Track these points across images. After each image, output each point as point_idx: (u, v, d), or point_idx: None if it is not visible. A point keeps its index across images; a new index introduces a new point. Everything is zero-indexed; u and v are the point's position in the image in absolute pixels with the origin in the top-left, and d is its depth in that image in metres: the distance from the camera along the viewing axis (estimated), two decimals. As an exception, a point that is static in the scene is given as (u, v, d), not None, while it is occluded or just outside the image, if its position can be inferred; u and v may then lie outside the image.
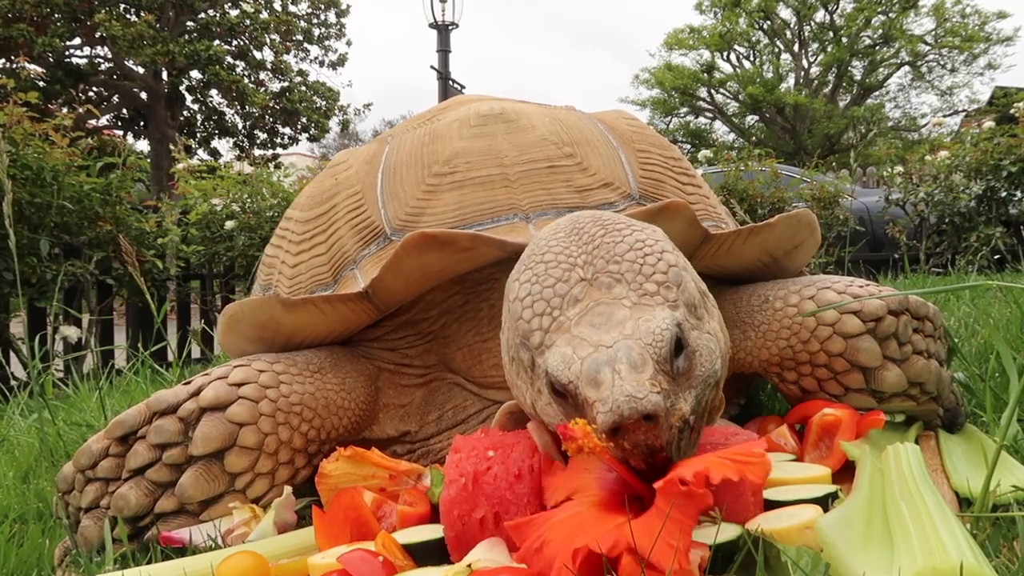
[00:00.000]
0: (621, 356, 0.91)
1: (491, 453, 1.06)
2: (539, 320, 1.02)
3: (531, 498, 1.00)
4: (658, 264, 1.03)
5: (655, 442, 0.89)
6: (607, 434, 0.89)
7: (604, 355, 0.92)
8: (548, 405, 1.01)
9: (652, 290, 1.00)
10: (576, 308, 1.00)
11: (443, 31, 15.31)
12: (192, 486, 1.30)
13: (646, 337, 0.94)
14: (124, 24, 17.31)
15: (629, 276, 1.02)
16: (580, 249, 1.07)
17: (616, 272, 1.02)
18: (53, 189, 4.27)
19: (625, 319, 0.96)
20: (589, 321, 0.98)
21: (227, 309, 1.58)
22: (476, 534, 1.01)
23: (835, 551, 0.90)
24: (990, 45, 27.30)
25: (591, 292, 1.01)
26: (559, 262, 1.07)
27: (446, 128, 1.75)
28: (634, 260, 1.03)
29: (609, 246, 1.06)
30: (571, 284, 1.03)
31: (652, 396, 0.88)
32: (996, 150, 6.20)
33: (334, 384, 1.48)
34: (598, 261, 1.04)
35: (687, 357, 0.96)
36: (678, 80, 29.71)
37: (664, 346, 0.93)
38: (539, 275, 1.07)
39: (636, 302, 0.99)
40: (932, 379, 1.46)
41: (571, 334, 0.98)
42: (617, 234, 1.08)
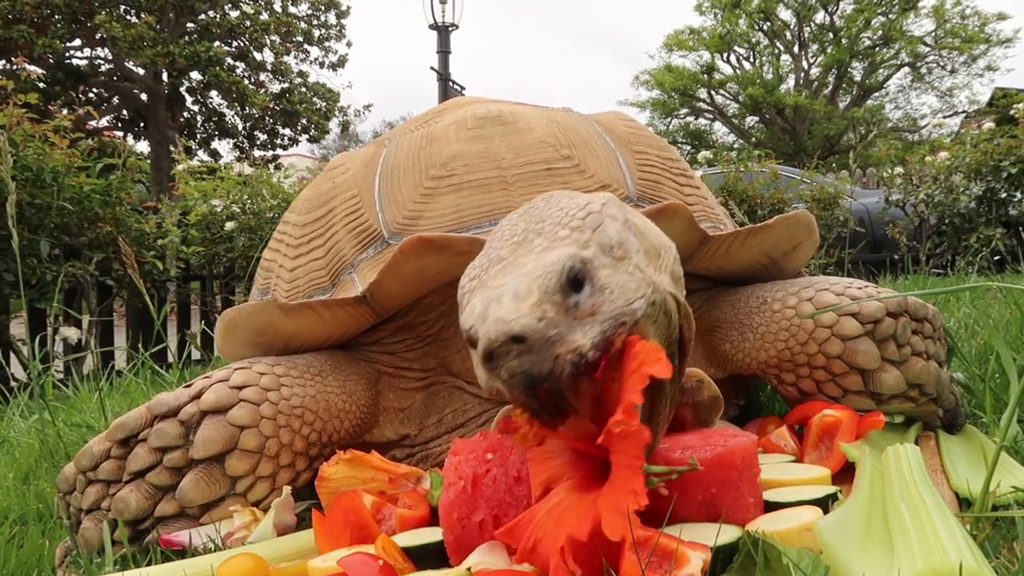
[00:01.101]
0: (508, 290, 0.90)
1: (490, 456, 1.04)
2: (468, 284, 1.02)
3: (530, 501, 0.99)
4: (577, 213, 1.01)
5: (532, 370, 0.85)
6: (483, 367, 0.87)
7: (494, 293, 0.91)
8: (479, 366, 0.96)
9: (564, 235, 0.98)
10: (499, 266, 0.99)
11: (443, 32, 15.33)
12: (193, 489, 1.30)
13: (537, 271, 0.91)
14: (124, 25, 17.33)
15: (548, 228, 1.00)
16: (525, 220, 1.06)
17: (539, 228, 1.01)
18: (53, 190, 4.27)
19: (529, 262, 0.95)
20: (500, 273, 0.97)
21: (225, 314, 1.58)
22: (475, 537, 1.01)
23: (834, 553, 0.90)
24: (990, 46, 27.33)
25: (517, 250, 1.00)
26: (504, 236, 1.06)
27: (443, 131, 1.75)
28: (558, 215, 1.02)
29: (543, 210, 1.05)
30: (504, 249, 1.02)
31: (523, 319, 0.85)
32: (996, 151, 6.20)
33: (335, 387, 1.48)
34: (532, 224, 1.04)
35: (593, 293, 0.93)
36: (678, 81, 29.73)
37: (552, 276, 0.90)
38: (485, 249, 1.07)
39: (547, 247, 0.97)
40: (931, 380, 1.46)
41: (485, 287, 0.96)
42: (556, 202, 1.07)
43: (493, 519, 1.00)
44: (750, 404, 1.93)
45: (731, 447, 1.05)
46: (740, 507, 1.03)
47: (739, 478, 1.04)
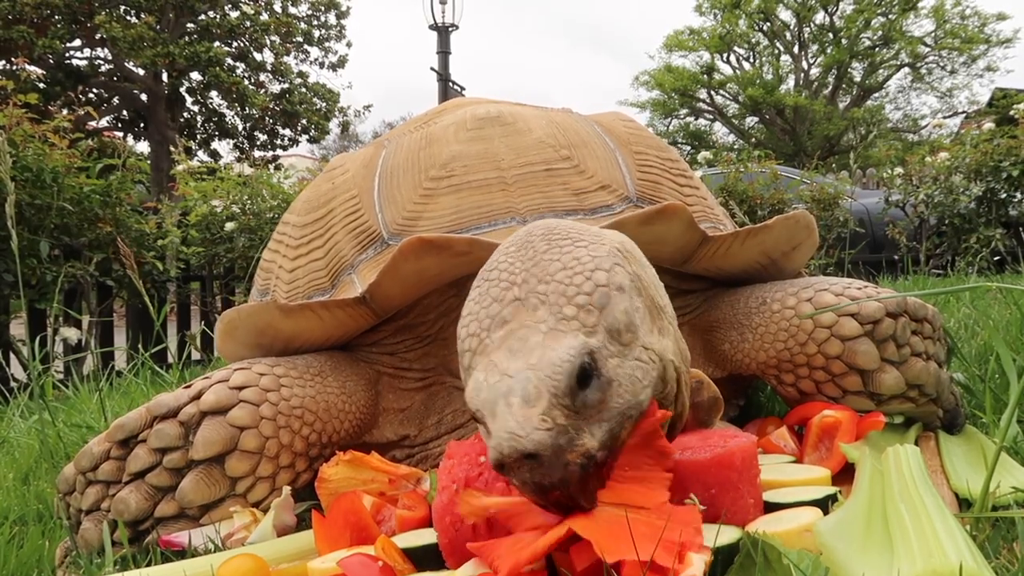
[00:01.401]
0: (516, 388, 0.87)
1: (483, 459, 1.04)
2: (470, 341, 0.99)
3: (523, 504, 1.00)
4: (583, 285, 0.97)
5: (543, 480, 0.85)
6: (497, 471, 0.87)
7: (504, 386, 0.88)
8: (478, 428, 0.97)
9: (571, 314, 0.94)
10: (502, 331, 0.96)
11: (443, 33, 15.33)
12: (193, 490, 1.30)
13: (546, 368, 0.88)
14: (124, 26, 17.33)
15: (552, 298, 0.96)
16: (522, 265, 1.02)
17: (543, 293, 0.97)
18: (53, 191, 4.27)
19: (536, 346, 0.91)
20: (508, 346, 0.94)
21: (224, 315, 1.58)
22: (469, 540, 1.00)
23: (834, 554, 0.90)
24: (990, 47, 27.33)
25: (519, 313, 0.97)
26: (500, 280, 1.02)
27: (443, 132, 1.75)
28: (562, 280, 0.98)
29: (545, 264, 1.01)
30: (504, 304, 0.98)
31: (536, 434, 0.84)
32: (996, 151, 6.20)
33: (335, 388, 1.48)
34: (531, 280, 0.99)
35: (600, 388, 0.91)
36: (678, 82, 29.74)
37: (562, 378, 0.87)
38: (482, 294, 1.03)
39: (552, 327, 0.93)
40: (931, 381, 1.46)
41: (489, 359, 0.94)
42: (558, 250, 1.02)
43: (486, 522, 0.99)
44: (750, 404, 1.93)
45: (731, 448, 1.05)
46: (740, 508, 1.03)
47: (739, 479, 1.04)
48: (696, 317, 1.71)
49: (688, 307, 1.72)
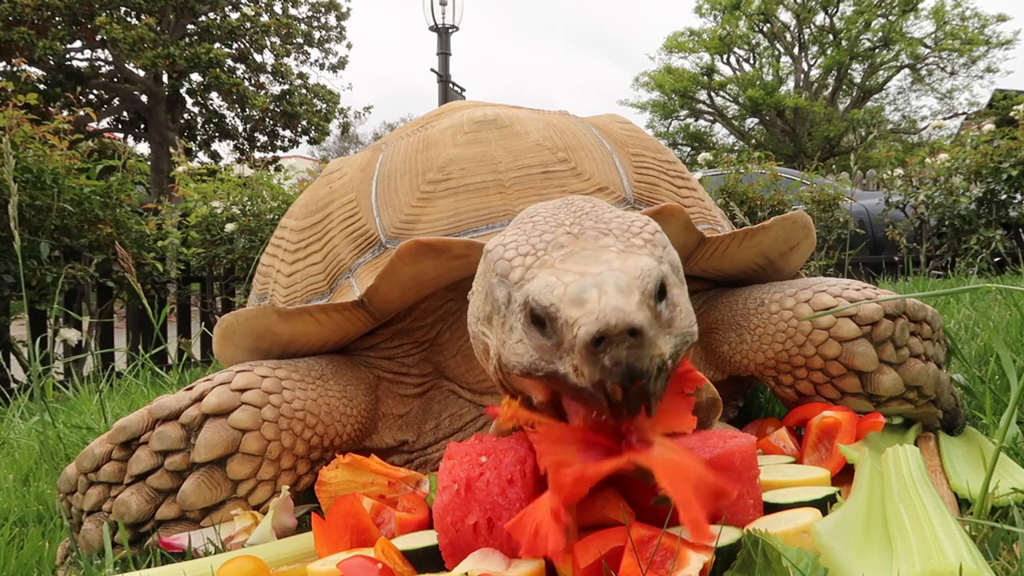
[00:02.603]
0: (608, 280, 0.89)
1: (484, 459, 1.04)
2: (522, 259, 1.01)
3: (524, 503, 0.99)
4: (645, 227, 1.04)
5: (637, 363, 0.86)
6: (587, 349, 0.86)
7: (591, 279, 0.90)
8: (519, 343, 0.97)
9: (639, 244, 1.00)
10: (562, 251, 0.99)
11: (443, 34, 15.33)
12: (194, 493, 1.29)
13: (632, 271, 0.92)
14: (125, 27, 17.33)
15: (617, 231, 1.02)
16: (568, 215, 1.07)
17: (604, 228, 1.02)
18: (53, 192, 4.27)
19: (612, 259, 0.95)
20: (575, 259, 0.97)
21: (222, 320, 1.58)
22: (470, 540, 1.00)
23: (832, 555, 0.90)
24: (990, 48, 27.33)
25: (577, 241, 1.01)
26: (546, 220, 1.06)
27: (440, 135, 1.75)
28: (621, 223, 1.04)
29: (597, 214, 1.07)
30: (557, 235, 1.02)
31: (640, 312, 0.86)
32: (996, 153, 6.20)
33: (336, 391, 1.48)
34: (585, 221, 1.05)
35: (669, 307, 0.95)
36: (678, 83, 29.75)
37: (650, 282, 0.91)
38: (526, 230, 1.06)
39: (623, 249, 0.98)
40: (930, 383, 1.45)
41: (556, 267, 0.96)
42: (604, 208, 1.10)
43: (487, 522, 0.99)
44: (749, 406, 1.94)
45: (730, 448, 1.05)
46: (740, 508, 1.03)
47: (738, 479, 1.04)
48: (697, 318, 1.71)
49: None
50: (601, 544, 0.92)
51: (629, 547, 0.89)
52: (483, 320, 1.11)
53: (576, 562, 0.90)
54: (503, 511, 1.00)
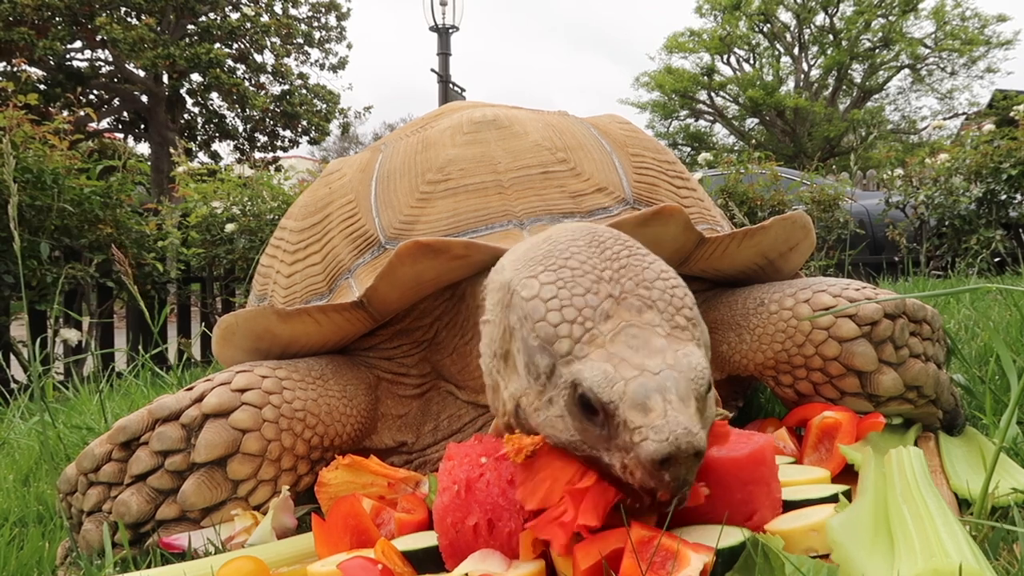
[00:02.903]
0: (671, 387, 0.90)
1: (484, 460, 1.04)
2: (569, 328, 0.98)
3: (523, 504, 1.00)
4: (685, 299, 1.03)
5: (691, 477, 0.89)
6: (652, 464, 0.87)
7: (653, 382, 0.91)
8: (559, 418, 0.97)
9: (683, 324, 0.99)
10: (608, 324, 0.97)
11: (443, 34, 15.34)
12: (194, 493, 1.29)
13: (689, 372, 0.92)
14: (125, 27, 17.33)
15: (661, 305, 1.00)
16: (604, 264, 1.04)
17: (647, 298, 1.00)
18: (53, 192, 4.27)
19: (664, 348, 0.95)
20: (625, 342, 0.96)
21: (222, 321, 1.58)
22: (470, 541, 1.00)
23: (844, 552, 0.91)
24: (990, 48, 27.33)
25: (620, 312, 0.99)
26: (585, 271, 1.03)
27: (439, 135, 1.75)
28: (663, 290, 1.02)
29: (637, 269, 1.04)
30: (601, 297, 1.00)
31: (703, 433, 0.88)
32: (996, 153, 6.20)
33: (336, 391, 1.48)
34: (626, 282, 1.02)
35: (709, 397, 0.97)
36: (678, 83, 29.75)
37: (704, 384, 0.93)
38: (565, 280, 1.02)
39: (669, 333, 0.97)
40: (930, 383, 1.45)
41: (607, 351, 0.95)
42: (642, 259, 1.06)
43: (487, 523, 0.99)
44: (749, 406, 1.94)
45: (762, 444, 1.06)
46: (771, 503, 1.04)
47: (769, 474, 1.05)
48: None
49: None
50: (601, 545, 0.92)
51: (629, 548, 0.89)
52: (499, 356, 1.11)
53: (576, 563, 0.90)
54: (503, 512, 1.00)
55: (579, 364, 0.95)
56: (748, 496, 1.02)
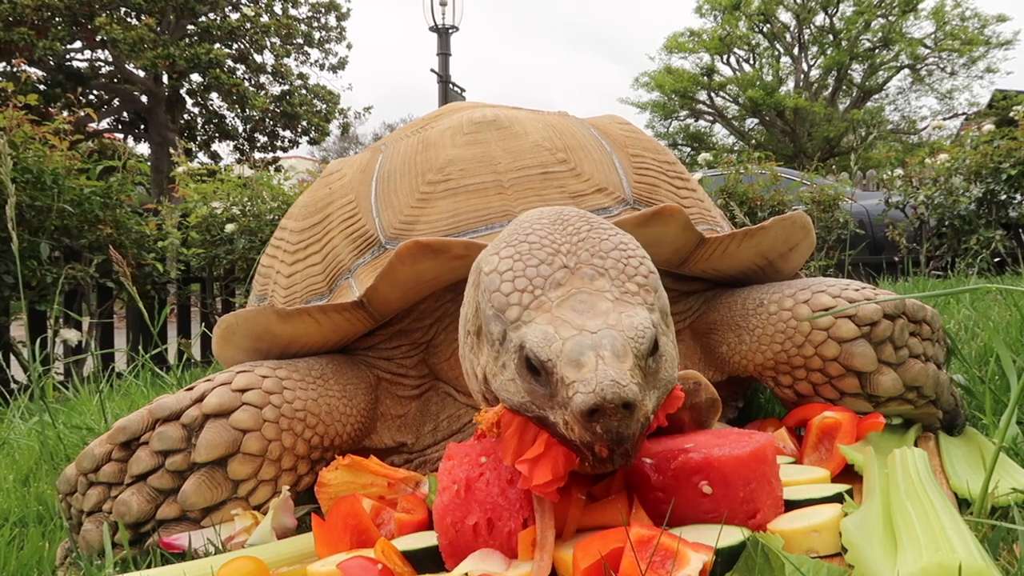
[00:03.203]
0: (606, 343, 0.92)
1: (483, 459, 1.05)
2: (519, 296, 1.02)
3: (523, 503, 1.00)
4: (640, 267, 1.05)
5: (626, 431, 0.90)
6: (582, 416, 0.89)
7: (588, 339, 0.93)
8: (511, 381, 1.00)
9: (633, 290, 1.02)
10: (558, 291, 1.01)
11: (443, 34, 15.34)
12: (195, 493, 1.29)
13: (629, 331, 0.95)
14: (125, 28, 17.33)
15: (613, 272, 1.03)
16: (564, 238, 1.07)
17: (600, 266, 1.03)
18: (53, 192, 4.27)
19: (608, 311, 0.97)
20: (571, 306, 0.99)
21: (222, 320, 1.58)
22: (470, 540, 1.01)
23: (859, 553, 0.91)
24: (989, 48, 27.32)
25: (572, 280, 1.02)
26: (543, 245, 1.06)
27: (439, 136, 1.75)
28: (618, 259, 1.05)
29: (594, 241, 1.07)
30: (554, 268, 1.03)
31: (633, 386, 0.89)
32: (996, 153, 6.20)
33: (336, 391, 1.48)
34: (582, 253, 1.05)
35: (656, 359, 0.98)
36: (678, 83, 29.74)
37: (645, 342, 0.95)
38: (522, 253, 1.06)
39: (618, 297, 1.00)
40: (929, 383, 1.45)
41: (552, 314, 0.98)
42: (603, 232, 1.09)
43: (487, 522, 1.00)
44: (749, 406, 1.94)
45: (764, 443, 1.06)
46: (773, 501, 1.05)
47: (771, 473, 1.06)
48: (697, 319, 1.71)
49: (690, 310, 1.72)
50: (601, 545, 0.92)
51: (629, 547, 0.89)
52: (472, 333, 1.13)
53: (576, 563, 0.90)
54: (503, 511, 1.00)
55: (525, 328, 0.99)
56: (750, 495, 1.02)
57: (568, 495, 1.02)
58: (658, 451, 1.06)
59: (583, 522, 1.00)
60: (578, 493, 1.03)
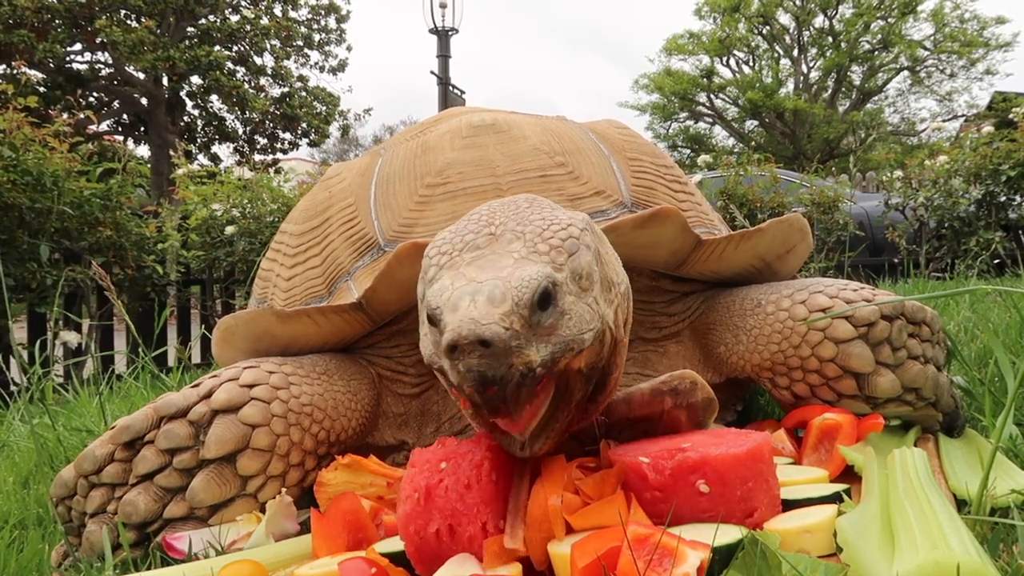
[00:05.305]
0: (484, 290, 0.95)
1: (443, 465, 1.06)
2: (439, 258, 1.08)
3: (481, 507, 1.01)
4: (559, 232, 1.07)
5: (487, 371, 0.91)
6: (447, 354, 0.92)
7: (470, 287, 0.96)
8: (425, 335, 1.06)
9: (543, 250, 1.04)
10: (473, 253, 1.05)
11: (443, 36, 15.36)
12: (204, 490, 1.29)
13: (513, 280, 0.97)
14: (125, 30, 17.33)
15: (529, 235, 1.07)
16: (503, 215, 1.13)
17: (519, 231, 1.08)
18: (53, 194, 4.28)
19: (507, 266, 1.01)
20: (478, 264, 1.03)
21: (222, 322, 1.58)
22: (433, 547, 1.01)
23: (854, 552, 0.91)
24: (989, 50, 27.35)
25: (492, 243, 1.07)
26: (480, 220, 1.12)
27: (438, 139, 1.76)
28: (540, 225, 1.08)
29: (526, 214, 1.12)
30: (479, 235, 1.08)
31: (494, 326, 0.91)
32: (995, 155, 6.21)
33: (341, 386, 1.49)
34: (509, 222, 1.10)
35: (554, 315, 0.99)
36: (678, 85, 29.77)
37: (526, 291, 0.96)
38: (459, 227, 1.12)
39: (524, 256, 1.03)
40: (929, 385, 1.45)
41: (458, 271, 1.02)
42: (539, 208, 1.13)
43: (448, 528, 1.01)
44: (748, 408, 1.94)
45: (760, 441, 1.06)
46: (771, 500, 1.05)
47: (768, 472, 1.06)
48: (695, 319, 1.71)
49: (688, 310, 1.73)
50: (599, 544, 0.92)
51: (626, 546, 0.90)
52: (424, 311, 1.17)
53: (574, 562, 0.91)
54: (462, 516, 1.01)
55: (433, 284, 1.04)
56: (747, 493, 1.02)
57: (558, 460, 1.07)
58: (655, 450, 1.06)
59: (582, 522, 1.00)
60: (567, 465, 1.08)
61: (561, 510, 1.00)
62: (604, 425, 1.22)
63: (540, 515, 0.99)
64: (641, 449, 1.09)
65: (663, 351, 1.70)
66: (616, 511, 0.99)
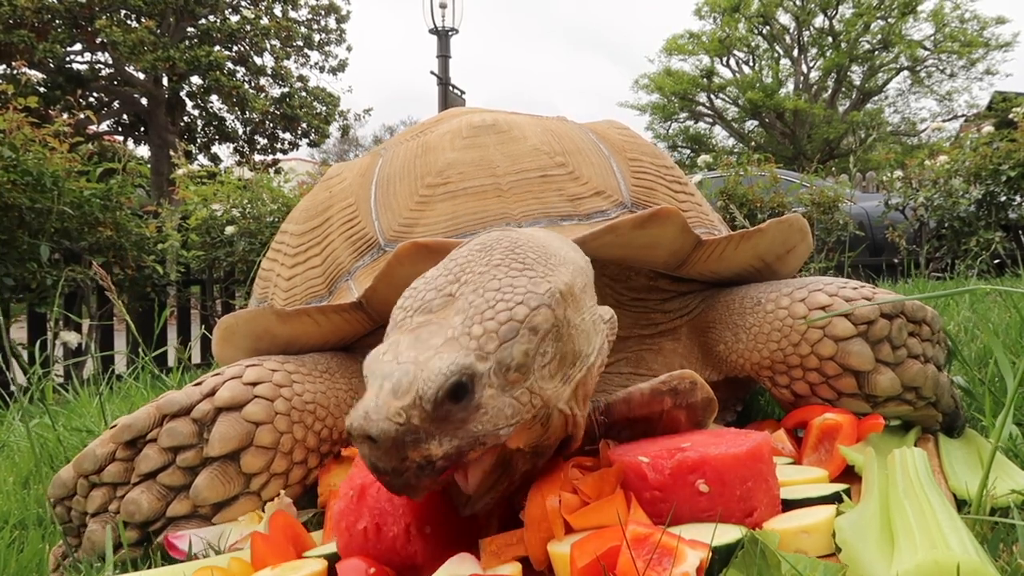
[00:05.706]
0: (395, 375, 0.92)
1: None
2: (398, 313, 1.06)
3: (405, 510, 1.03)
4: (500, 314, 0.99)
5: (379, 463, 0.91)
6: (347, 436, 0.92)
7: (387, 368, 0.94)
8: None
9: (476, 333, 0.98)
10: (423, 317, 1.02)
11: (443, 37, 15.37)
12: (207, 488, 1.29)
13: (425, 371, 0.92)
14: (125, 30, 17.33)
15: (472, 311, 1.00)
16: (474, 268, 1.07)
17: (470, 303, 1.01)
18: (53, 194, 4.28)
19: (435, 347, 0.96)
20: (418, 333, 0.99)
21: (222, 321, 1.59)
22: (360, 544, 1.04)
23: (853, 552, 0.91)
24: (989, 50, 27.35)
25: (444, 309, 1.02)
26: (452, 271, 1.08)
27: (438, 140, 1.76)
28: (488, 300, 1.01)
29: (489, 278, 1.05)
30: (440, 295, 1.04)
31: (384, 423, 0.88)
32: (995, 155, 6.21)
33: (343, 384, 1.49)
34: (471, 284, 1.04)
35: (466, 409, 0.94)
36: (678, 85, 29.77)
37: (431, 386, 0.90)
38: (434, 276, 1.09)
39: (455, 337, 0.97)
40: (928, 384, 1.45)
41: (399, 336, 1.01)
42: (506, 268, 1.06)
43: (375, 527, 1.03)
44: (749, 408, 1.94)
45: (760, 441, 1.06)
46: (770, 500, 1.05)
47: (767, 471, 1.06)
48: (694, 318, 1.71)
49: (686, 307, 1.73)
50: (598, 543, 0.92)
51: (626, 546, 0.90)
52: None
53: (574, 561, 0.91)
54: (388, 516, 1.04)
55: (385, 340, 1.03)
56: (747, 493, 1.02)
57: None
58: (655, 450, 1.06)
59: (581, 522, 1.01)
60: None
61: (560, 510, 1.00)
62: (603, 425, 1.22)
63: (539, 515, 0.99)
64: (640, 449, 1.09)
65: (658, 348, 1.70)
66: (615, 511, 0.99)
